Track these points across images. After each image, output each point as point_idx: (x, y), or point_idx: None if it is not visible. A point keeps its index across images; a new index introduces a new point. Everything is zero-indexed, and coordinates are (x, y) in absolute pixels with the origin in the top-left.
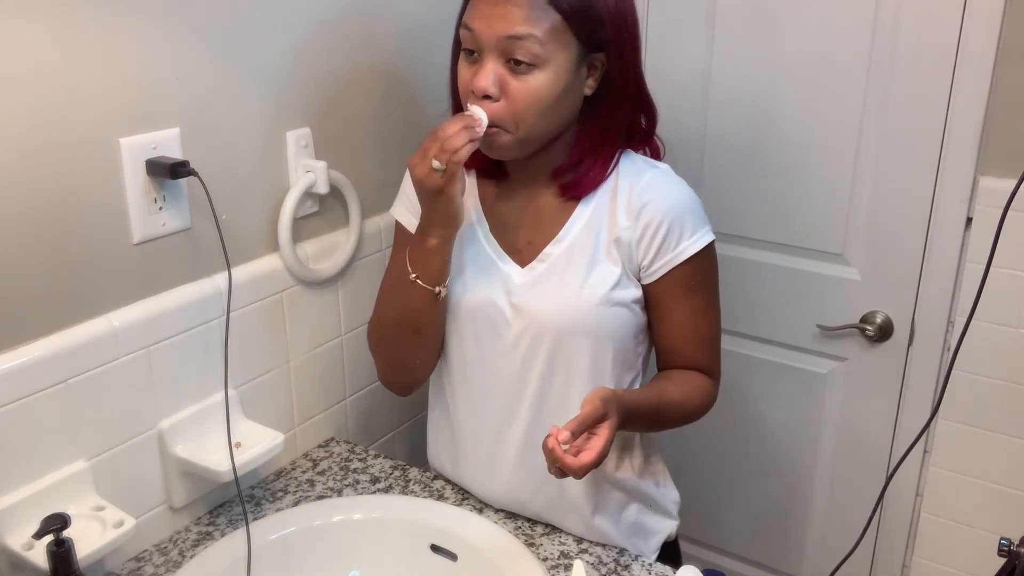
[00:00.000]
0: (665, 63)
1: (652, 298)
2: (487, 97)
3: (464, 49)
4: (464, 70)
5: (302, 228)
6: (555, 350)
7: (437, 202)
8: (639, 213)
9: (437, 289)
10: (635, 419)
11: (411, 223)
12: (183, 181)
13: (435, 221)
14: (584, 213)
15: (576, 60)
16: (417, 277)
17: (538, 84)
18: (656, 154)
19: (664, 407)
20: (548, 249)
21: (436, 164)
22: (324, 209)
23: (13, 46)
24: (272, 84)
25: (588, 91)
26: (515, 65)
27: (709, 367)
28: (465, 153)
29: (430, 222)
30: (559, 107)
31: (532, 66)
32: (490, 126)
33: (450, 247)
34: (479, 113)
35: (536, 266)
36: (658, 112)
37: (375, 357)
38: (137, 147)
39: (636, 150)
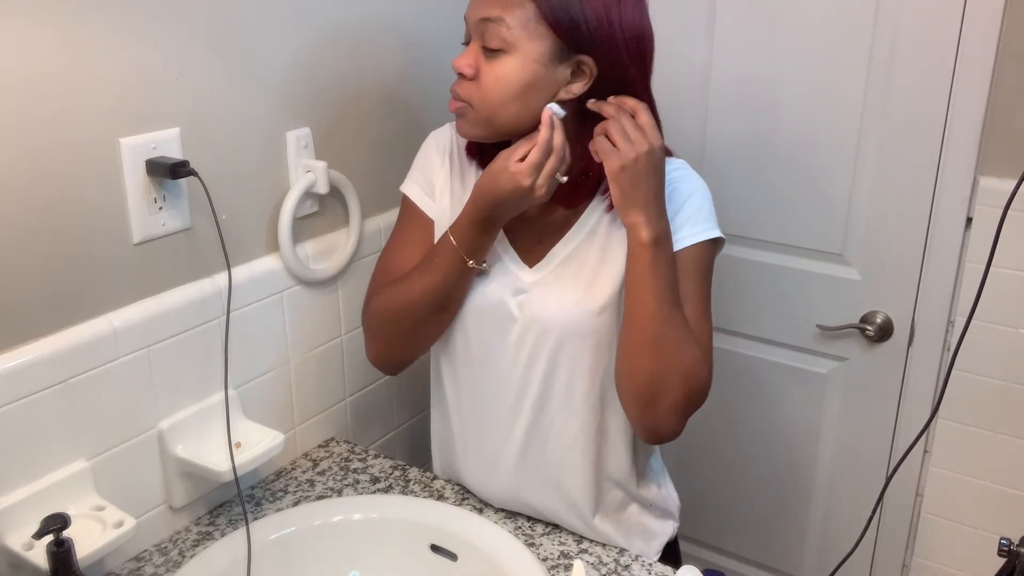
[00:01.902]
0: (665, 64)
1: None
2: (462, 75)
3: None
4: None
5: (302, 228)
6: (559, 350)
7: (531, 203)
8: None
9: (485, 265)
10: (668, 247)
11: (424, 202)
12: (183, 181)
13: (509, 214)
14: (594, 214)
15: (551, 54)
16: (474, 262)
17: (504, 69)
18: (668, 153)
19: (677, 304)
20: (556, 249)
21: (563, 179)
22: (324, 209)
23: (13, 46)
24: (272, 84)
25: (566, 95)
26: (488, 51)
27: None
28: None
29: (504, 215)
30: (526, 96)
31: (501, 51)
32: (460, 102)
33: None
34: (558, 110)
35: (544, 266)
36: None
37: (379, 335)
38: (137, 147)
39: None
